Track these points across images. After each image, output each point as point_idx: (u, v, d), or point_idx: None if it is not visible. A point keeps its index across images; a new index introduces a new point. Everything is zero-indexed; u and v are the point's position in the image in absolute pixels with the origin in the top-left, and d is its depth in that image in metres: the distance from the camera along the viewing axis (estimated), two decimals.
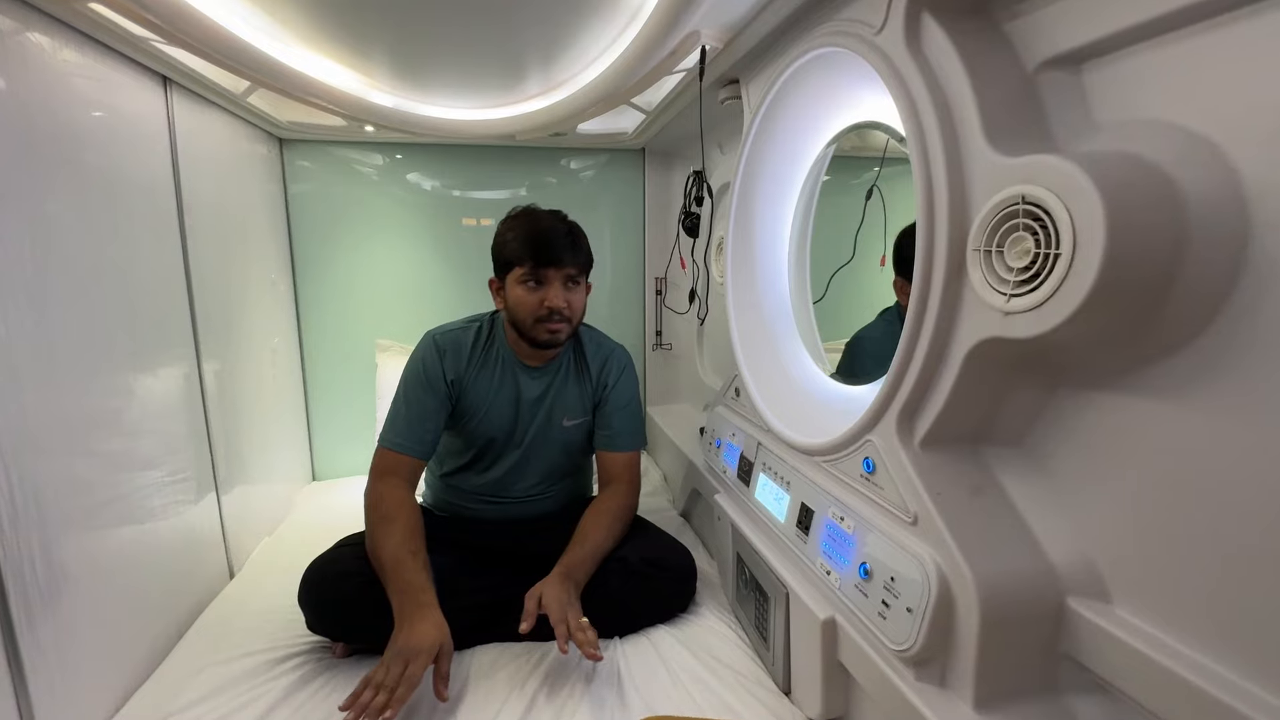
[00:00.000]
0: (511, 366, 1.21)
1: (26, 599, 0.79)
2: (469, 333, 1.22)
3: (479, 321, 1.25)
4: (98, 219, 0.97)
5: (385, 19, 1.06)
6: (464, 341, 1.20)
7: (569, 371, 1.26)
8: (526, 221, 1.15)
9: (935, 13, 0.67)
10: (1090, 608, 0.61)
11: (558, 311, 1.12)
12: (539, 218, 1.16)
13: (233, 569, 1.34)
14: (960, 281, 0.64)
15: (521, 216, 1.17)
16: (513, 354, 1.22)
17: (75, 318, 0.91)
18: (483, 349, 1.21)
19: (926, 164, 0.66)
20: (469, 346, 1.20)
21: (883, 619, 0.71)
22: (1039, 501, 0.67)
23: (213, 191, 1.34)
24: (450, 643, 0.90)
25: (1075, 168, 0.51)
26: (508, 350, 1.22)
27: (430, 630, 0.89)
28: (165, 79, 1.17)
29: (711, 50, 1.04)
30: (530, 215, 1.17)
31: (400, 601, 0.94)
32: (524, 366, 1.22)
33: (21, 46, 0.84)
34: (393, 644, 0.89)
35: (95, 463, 0.94)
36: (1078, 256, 0.50)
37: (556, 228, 1.14)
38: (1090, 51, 0.59)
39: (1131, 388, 0.58)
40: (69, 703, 0.85)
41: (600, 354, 1.28)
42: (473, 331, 1.22)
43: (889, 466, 0.74)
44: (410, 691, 0.84)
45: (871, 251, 1.13)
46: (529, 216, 1.16)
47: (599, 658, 0.92)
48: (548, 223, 1.14)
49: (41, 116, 0.87)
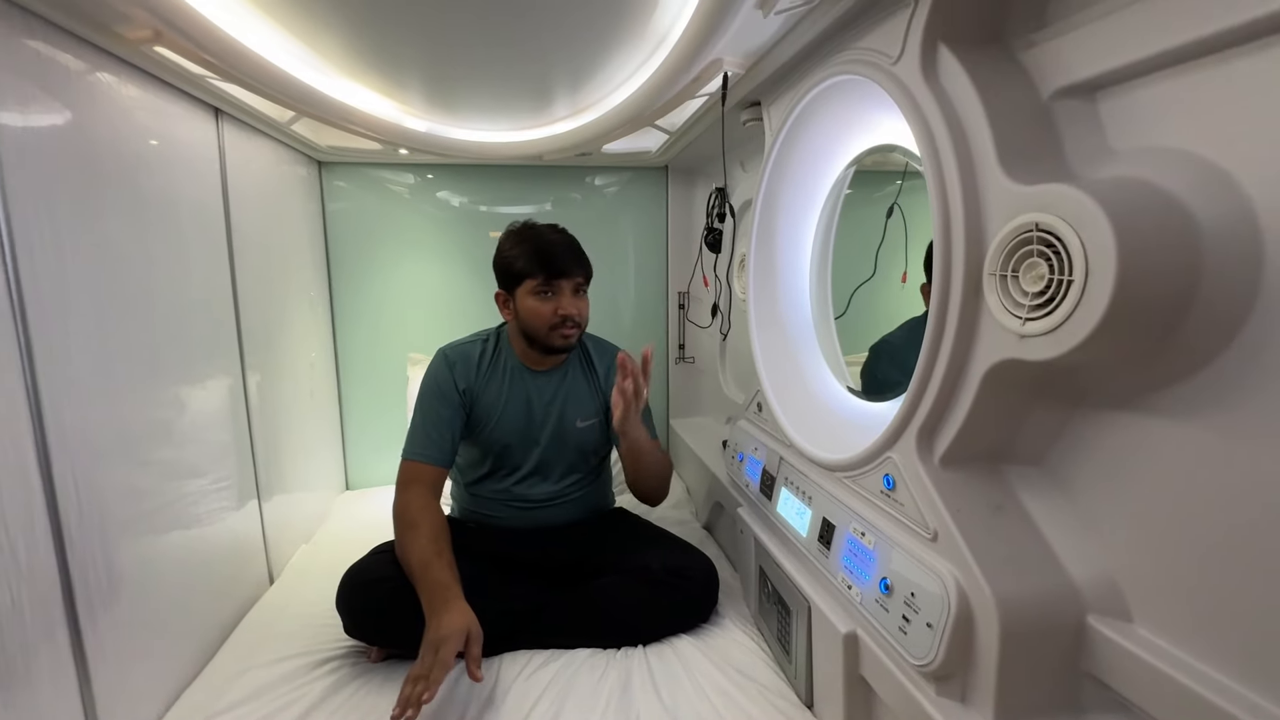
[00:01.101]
0: (519, 372, 1.27)
1: (90, 599, 0.85)
2: (476, 345, 1.28)
3: (486, 334, 1.31)
4: (154, 240, 1.04)
5: (420, 50, 1.12)
6: (472, 354, 1.26)
7: (576, 373, 1.31)
8: (532, 237, 1.21)
9: (950, 43, 0.70)
10: (1111, 626, 0.61)
11: (571, 318, 1.19)
12: (543, 233, 1.22)
13: (273, 575, 1.40)
14: (977, 303, 0.66)
15: (524, 232, 1.23)
16: (519, 362, 1.27)
17: (133, 333, 0.97)
18: (490, 359, 1.27)
19: (943, 190, 0.67)
20: (477, 357, 1.26)
21: (903, 634, 0.72)
22: (1060, 520, 0.68)
23: (257, 213, 1.42)
24: (479, 628, 0.94)
25: (1087, 197, 0.52)
26: (515, 359, 1.27)
27: (456, 618, 0.93)
28: (217, 110, 1.25)
29: (734, 76, 1.07)
30: (534, 230, 1.23)
31: (429, 599, 0.98)
32: (531, 372, 1.27)
33: (90, 84, 0.91)
34: (425, 639, 0.93)
35: (149, 471, 1.00)
36: (1090, 283, 0.52)
37: (562, 241, 1.21)
38: (1106, 80, 0.60)
39: (1150, 409, 0.59)
40: (126, 698, 0.91)
41: (606, 356, 1.35)
42: (480, 344, 1.29)
43: (909, 483, 0.76)
44: (443, 674, 0.88)
45: (892, 267, 1.15)
46: (533, 232, 1.22)
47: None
48: (553, 237, 1.21)
49: (106, 146, 0.94)
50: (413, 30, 1.01)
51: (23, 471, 0.76)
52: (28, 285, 0.77)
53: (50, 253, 0.81)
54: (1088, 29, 0.61)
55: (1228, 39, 0.50)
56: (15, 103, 0.78)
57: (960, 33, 0.70)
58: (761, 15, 0.85)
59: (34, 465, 0.78)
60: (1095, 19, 0.60)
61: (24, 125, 0.79)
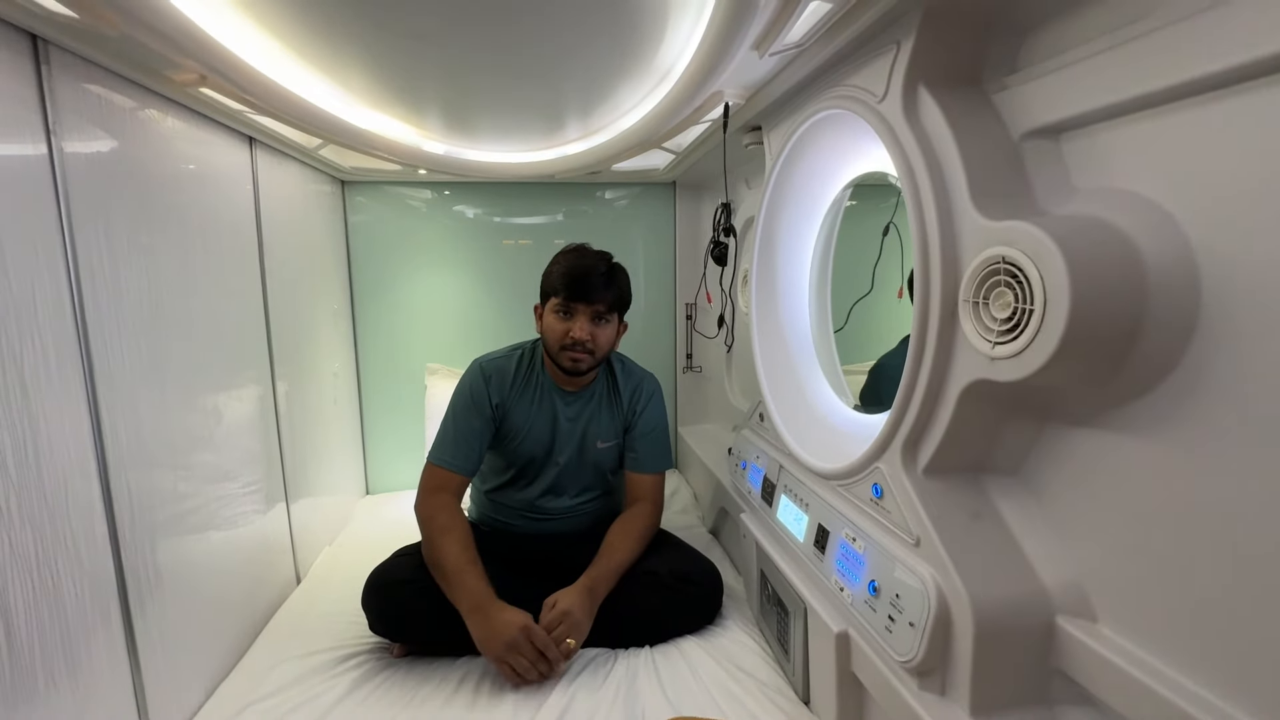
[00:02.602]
0: (550, 392, 1.32)
1: (140, 593, 0.93)
2: (512, 360, 1.33)
3: (521, 349, 1.36)
4: (194, 259, 1.12)
5: (439, 83, 1.19)
6: (507, 369, 1.32)
7: (602, 398, 1.35)
8: (573, 258, 1.26)
9: (929, 85, 0.75)
10: (1077, 626, 0.66)
11: (580, 343, 1.22)
12: (584, 255, 1.27)
13: (299, 575, 1.48)
14: (954, 327, 0.71)
15: (570, 252, 1.28)
16: (551, 381, 1.32)
17: (177, 347, 1.05)
18: (524, 375, 1.32)
19: (922, 221, 0.73)
20: (512, 373, 1.31)
21: (889, 633, 0.78)
22: (1032, 527, 0.73)
23: (286, 231, 1.50)
24: (531, 616, 1.06)
25: (1044, 234, 0.58)
26: (546, 377, 1.33)
27: (515, 615, 1.05)
28: (251, 139, 1.34)
29: (734, 106, 1.13)
30: (577, 252, 1.28)
31: (469, 604, 1.06)
32: (561, 392, 1.32)
33: (138, 119, 1.00)
34: (483, 643, 1.04)
35: (190, 475, 1.07)
36: (1049, 312, 0.58)
37: (596, 266, 1.24)
38: (1069, 124, 0.66)
39: (1108, 425, 0.64)
40: (173, 685, 0.98)
41: (631, 381, 1.38)
42: (515, 359, 1.33)
43: (895, 492, 0.81)
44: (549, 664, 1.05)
45: (889, 282, 1.20)
46: (576, 254, 1.27)
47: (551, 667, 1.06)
48: (589, 261, 1.25)
49: (152, 174, 1.02)
50: (433, 65, 1.08)
51: (85, 477, 0.84)
52: (89, 305, 0.86)
53: (107, 274, 0.90)
54: (1054, 76, 0.66)
55: (1171, 94, 0.56)
56: (79, 139, 0.86)
57: (939, 75, 0.76)
58: (758, 56, 0.91)
59: (94, 472, 0.86)
60: (1061, 67, 0.65)
61: (85, 156, 0.87)
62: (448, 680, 1.08)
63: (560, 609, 1.09)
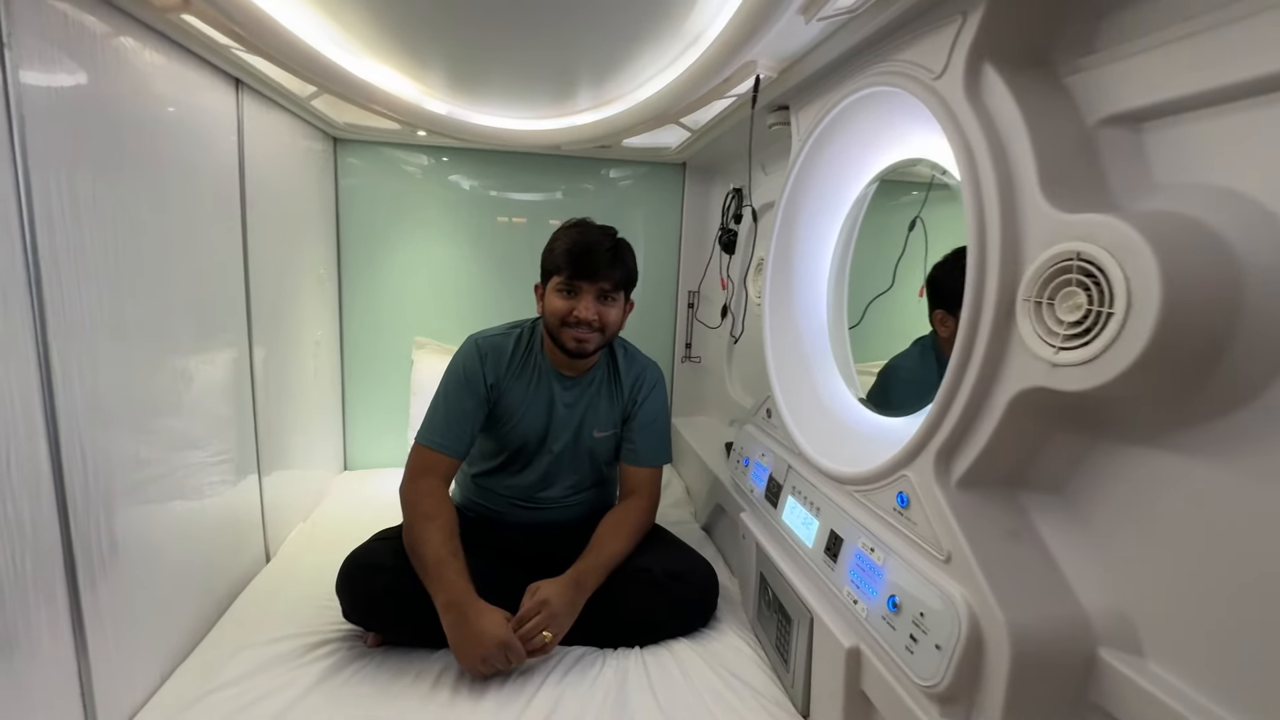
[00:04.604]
0: (548, 375, 1.24)
1: (91, 566, 0.84)
2: (510, 338, 1.25)
3: (520, 328, 1.28)
4: (170, 209, 1.02)
5: (448, 31, 1.10)
6: (505, 347, 1.24)
7: (602, 384, 1.28)
8: (575, 233, 1.18)
9: (996, 62, 0.69)
10: (1122, 660, 0.61)
11: (586, 322, 1.14)
12: (587, 230, 1.19)
13: (269, 552, 1.39)
14: (1008, 329, 0.65)
15: (572, 228, 1.20)
16: (550, 364, 1.25)
17: (145, 301, 0.96)
18: (522, 355, 1.25)
19: (980, 211, 0.67)
20: (509, 352, 1.23)
21: (910, 653, 0.72)
22: (1074, 549, 0.68)
23: (272, 186, 1.40)
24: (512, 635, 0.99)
25: (1133, 230, 0.52)
26: (545, 360, 1.25)
27: (494, 625, 0.98)
28: (238, 81, 1.23)
29: (765, 79, 1.06)
30: (580, 227, 1.20)
31: (446, 600, 0.98)
32: (559, 375, 1.25)
33: (112, 48, 0.90)
34: (456, 646, 0.98)
35: (153, 440, 0.98)
36: (1131, 317, 0.52)
37: (601, 242, 1.16)
38: (1154, 112, 0.60)
39: (1175, 446, 0.58)
40: (122, 668, 0.90)
41: (633, 370, 1.31)
42: (513, 338, 1.25)
43: (924, 503, 0.76)
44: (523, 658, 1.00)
45: (909, 280, 1.14)
46: (579, 229, 1.19)
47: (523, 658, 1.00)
48: (593, 236, 1.17)
49: (126, 112, 0.92)
50: (441, 9, 0.99)
51: (31, 437, 0.75)
52: (44, 251, 0.76)
53: (68, 219, 0.80)
54: (1139, 59, 0.60)
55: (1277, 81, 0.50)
56: (40, 65, 0.76)
57: (1006, 53, 0.69)
58: (804, 20, 0.84)
59: (42, 431, 0.77)
60: (1146, 49, 0.59)
61: (47, 88, 0.77)
62: (425, 673, 1.01)
63: (540, 598, 1.03)
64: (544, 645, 1.01)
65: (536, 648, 1.01)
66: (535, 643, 1.00)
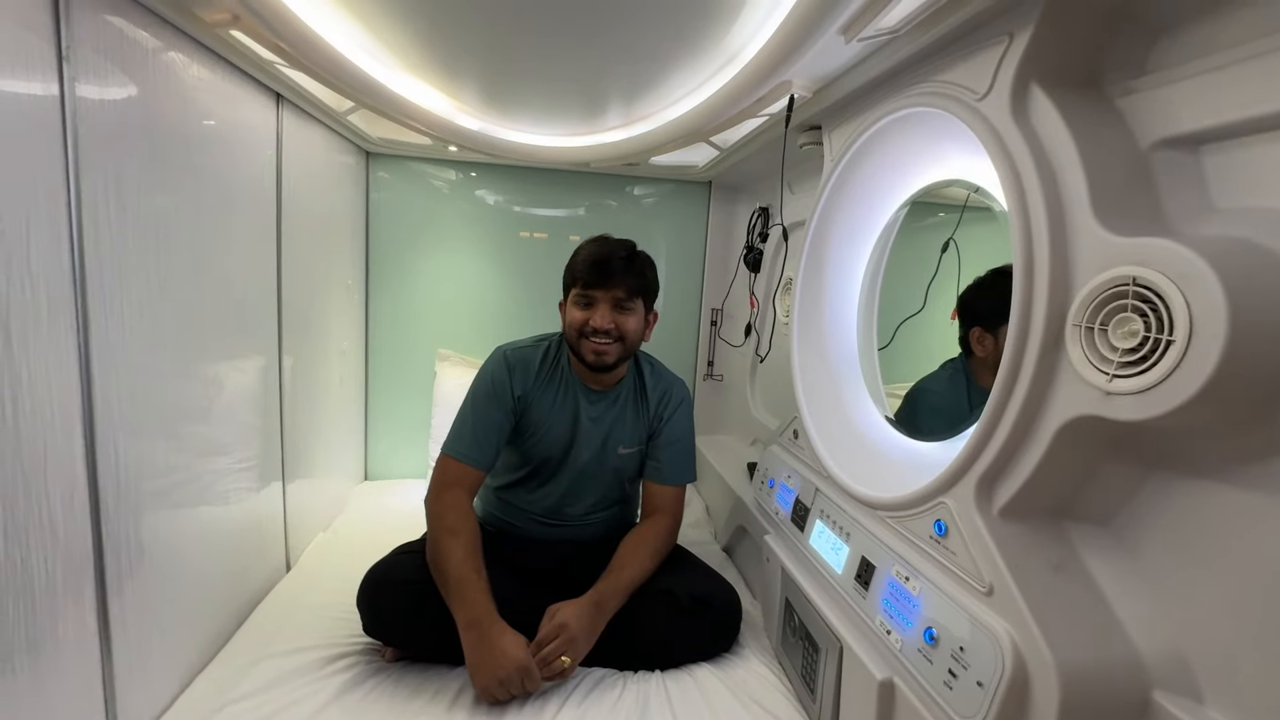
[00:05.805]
0: (574, 389, 1.24)
1: (119, 571, 0.84)
2: (538, 351, 1.25)
3: (548, 341, 1.28)
4: (208, 220, 1.04)
5: (483, 49, 1.12)
6: (532, 359, 1.24)
7: (628, 400, 1.27)
8: (593, 246, 1.19)
9: (1044, 83, 0.68)
10: (1179, 705, 0.58)
11: (602, 331, 1.14)
12: (604, 242, 1.20)
13: (290, 561, 1.39)
14: (1057, 355, 0.63)
15: (591, 242, 1.21)
16: (576, 377, 1.24)
17: (181, 309, 0.97)
18: (550, 368, 1.24)
19: (1028, 235, 0.65)
20: (537, 364, 1.23)
21: (949, 689, 0.70)
22: (1125, 585, 0.65)
23: (306, 198, 1.42)
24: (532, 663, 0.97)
25: (1195, 255, 0.50)
26: (572, 373, 1.24)
27: (514, 649, 0.96)
28: (279, 96, 1.26)
29: (800, 99, 1.06)
30: (598, 241, 1.20)
31: (467, 618, 0.97)
32: (586, 390, 1.24)
33: (162, 63, 0.92)
34: (474, 667, 0.95)
35: (181, 445, 0.99)
36: (1194, 346, 0.50)
37: (615, 251, 1.17)
38: (1212, 135, 0.58)
39: (1240, 481, 0.56)
40: (144, 675, 0.90)
41: (660, 386, 1.30)
42: (541, 350, 1.25)
43: (964, 532, 0.73)
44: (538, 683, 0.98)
45: (940, 302, 1.12)
46: (597, 242, 1.20)
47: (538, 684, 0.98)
48: (609, 247, 1.18)
49: (171, 125, 0.94)
50: (480, 25, 1.00)
51: (69, 443, 0.76)
52: (90, 258, 0.78)
53: (113, 229, 0.82)
54: (1196, 80, 0.58)
55: None
56: (95, 78, 0.78)
57: (1054, 74, 0.68)
58: (844, 41, 0.83)
59: (79, 433, 0.78)
60: (1204, 71, 0.58)
61: (100, 100, 0.79)
62: (444, 690, 0.99)
63: (558, 621, 1.01)
64: (562, 671, 0.99)
65: (554, 673, 0.99)
66: (553, 668, 0.98)
